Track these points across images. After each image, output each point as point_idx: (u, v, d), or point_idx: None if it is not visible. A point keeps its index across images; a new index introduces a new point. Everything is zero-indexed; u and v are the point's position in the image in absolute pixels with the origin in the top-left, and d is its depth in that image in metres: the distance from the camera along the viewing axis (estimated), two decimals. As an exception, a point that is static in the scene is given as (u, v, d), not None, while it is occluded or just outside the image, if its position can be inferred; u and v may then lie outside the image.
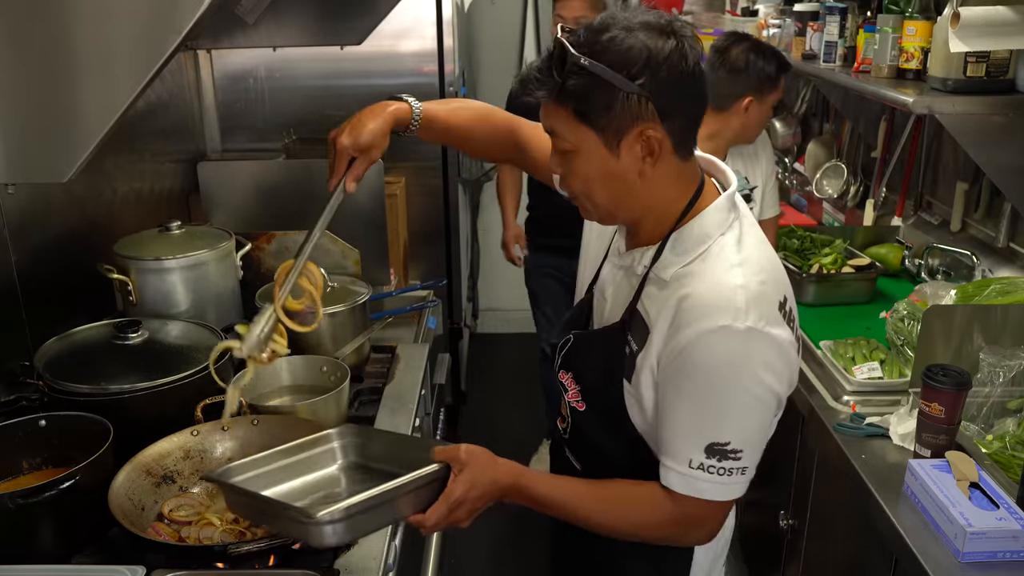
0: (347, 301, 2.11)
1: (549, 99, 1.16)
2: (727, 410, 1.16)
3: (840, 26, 2.64)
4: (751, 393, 1.15)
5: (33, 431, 1.52)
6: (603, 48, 1.11)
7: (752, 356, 1.13)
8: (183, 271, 1.99)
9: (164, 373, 1.64)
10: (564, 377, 1.36)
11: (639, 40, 1.11)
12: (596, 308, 1.37)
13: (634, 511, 1.26)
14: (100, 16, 1.11)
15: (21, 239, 1.86)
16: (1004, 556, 1.43)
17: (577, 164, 1.18)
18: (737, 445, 1.16)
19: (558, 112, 1.16)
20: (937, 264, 2.62)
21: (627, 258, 1.29)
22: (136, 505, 1.46)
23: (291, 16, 2.75)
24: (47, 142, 1.16)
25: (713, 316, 1.12)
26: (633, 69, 1.10)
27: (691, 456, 1.18)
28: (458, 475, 1.22)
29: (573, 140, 1.16)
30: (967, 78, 2.03)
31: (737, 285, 1.14)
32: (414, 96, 1.49)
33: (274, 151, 3.15)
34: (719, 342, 1.12)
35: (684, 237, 1.21)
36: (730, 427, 1.16)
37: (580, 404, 1.34)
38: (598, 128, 1.14)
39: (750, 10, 3.56)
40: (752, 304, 1.13)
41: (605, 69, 1.10)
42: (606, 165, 1.17)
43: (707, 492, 1.19)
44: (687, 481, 1.19)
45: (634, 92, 1.11)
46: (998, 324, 1.87)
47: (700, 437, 1.17)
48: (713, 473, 1.17)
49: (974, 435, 1.76)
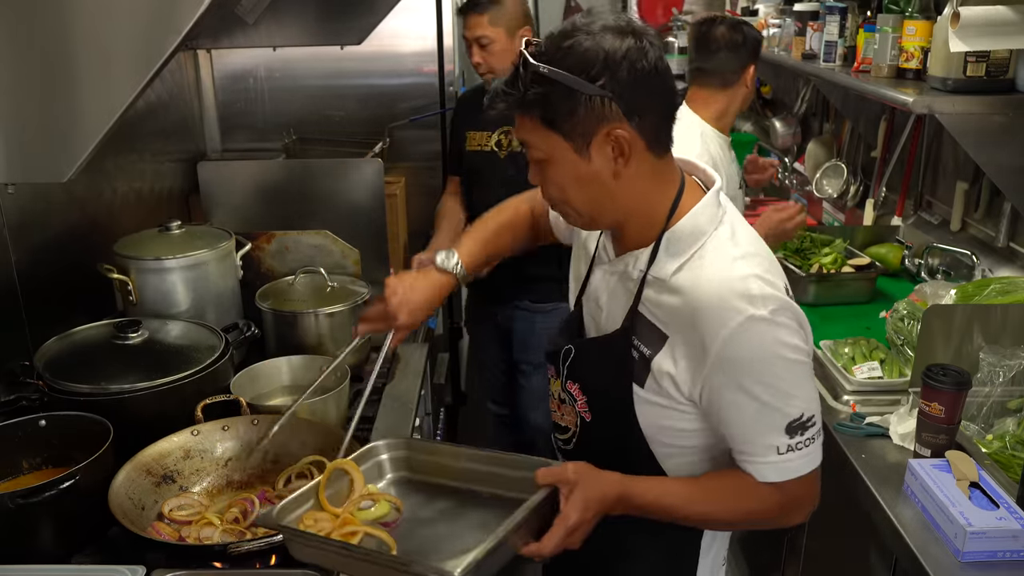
0: (347, 301, 2.11)
1: (516, 111, 1.17)
2: (786, 388, 1.18)
3: (840, 26, 2.64)
4: (796, 361, 1.18)
5: (33, 431, 1.52)
6: (563, 54, 1.12)
7: (781, 332, 1.16)
8: (183, 271, 1.99)
9: (164, 373, 1.64)
10: (572, 387, 1.34)
11: (596, 42, 1.12)
12: (589, 317, 1.37)
13: (741, 503, 1.25)
14: (100, 16, 1.11)
15: (21, 239, 1.86)
16: (1004, 556, 1.43)
17: (551, 172, 1.20)
18: (807, 413, 1.19)
19: (525, 122, 1.17)
20: (937, 264, 2.62)
21: (619, 264, 1.28)
22: (136, 505, 1.46)
23: (291, 16, 2.75)
24: (47, 142, 1.16)
25: (735, 312, 1.14)
26: (592, 71, 1.11)
27: (776, 444, 1.19)
28: (570, 497, 1.19)
29: (544, 148, 1.17)
30: (967, 78, 2.04)
31: (746, 275, 1.17)
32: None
33: (274, 151, 3.14)
34: (750, 333, 1.14)
35: (677, 236, 1.22)
36: (795, 401, 1.18)
37: (588, 414, 1.33)
38: (565, 133, 1.15)
39: (750, 10, 3.56)
40: (765, 288, 1.16)
41: (564, 74, 1.11)
42: (578, 169, 1.17)
43: (801, 469, 1.21)
44: (781, 469, 1.20)
45: (596, 94, 1.12)
46: (998, 324, 1.87)
47: (777, 423, 1.18)
48: (801, 449, 1.20)
49: (974, 435, 1.76)
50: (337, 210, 2.52)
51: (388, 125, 3.16)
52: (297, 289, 2.21)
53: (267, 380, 1.89)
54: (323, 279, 2.18)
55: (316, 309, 2.07)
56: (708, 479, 1.28)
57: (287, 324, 2.07)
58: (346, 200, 2.53)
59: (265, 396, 1.85)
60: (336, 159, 2.68)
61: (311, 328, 2.06)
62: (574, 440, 1.37)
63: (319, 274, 2.20)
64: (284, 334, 2.07)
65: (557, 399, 1.40)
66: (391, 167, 3.10)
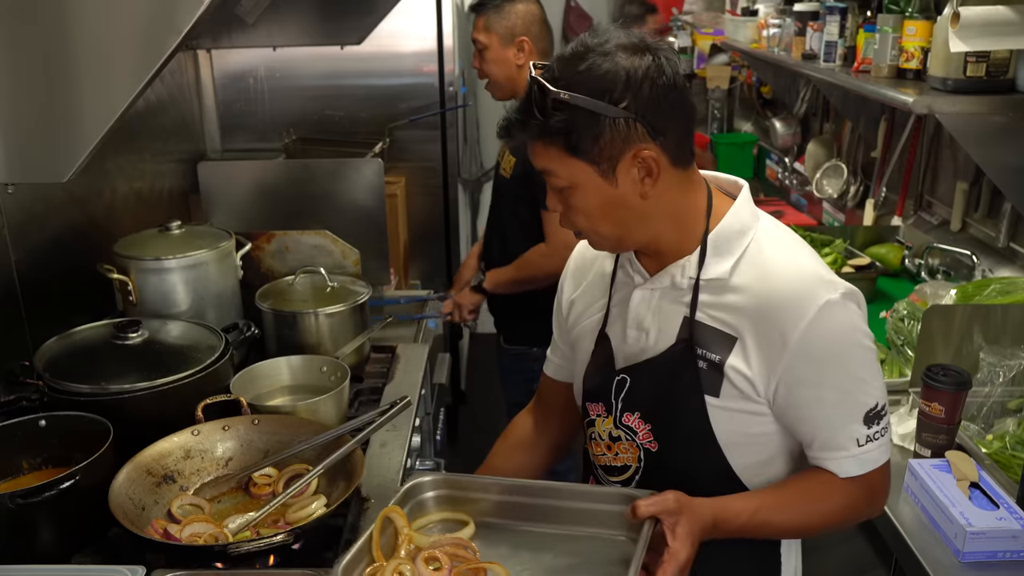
0: (347, 301, 2.11)
1: (536, 139, 1.14)
2: (864, 376, 1.18)
3: (840, 26, 2.64)
4: (869, 349, 1.18)
5: (33, 431, 1.52)
6: (582, 78, 1.10)
7: (855, 316, 1.16)
8: (183, 271, 1.98)
9: (164, 373, 1.64)
10: (630, 419, 1.27)
11: (615, 63, 1.10)
12: (626, 344, 1.28)
13: (830, 501, 1.23)
14: (100, 16, 1.11)
15: (21, 239, 1.86)
16: (1004, 556, 1.43)
17: (576, 199, 1.16)
18: (881, 402, 1.19)
19: (547, 151, 1.14)
20: (937, 264, 2.62)
21: (663, 278, 1.24)
22: (136, 505, 1.46)
23: (291, 16, 2.75)
24: (47, 142, 1.16)
25: (811, 299, 1.13)
26: (615, 93, 1.09)
27: (857, 436, 1.18)
28: (676, 530, 1.11)
29: (568, 176, 1.14)
30: (967, 78, 2.03)
31: (811, 260, 1.18)
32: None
33: (274, 151, 3.15)
34: (828, 320, 1.13)
35: (724, 236, 1.20)
36: (870, 390, 1.18)
37: (653, 444, 1.26)
38: (590, 159, 1.12)
39: (750, 10, 3.56)
40: (830, 272, 1.18)
41: (586, 99, 1.09)
42: (605, 194, 1.15)
43: (879, 459, 1.21)
44: (861, 461, 1.20)
45: (620, 116, 1.10)
46: (998, 324, 1.86)
47: (855, 415, 1.17)
48: (878, 439, 1.20)
49: (974, 435, 1.76)
50: (337, 210, 2.52)
51: (388, 125, 3.17)
52: (297, 289, 2.21)
53: (267, 380, 1.89)
54: (323, 279, 2.18)
55: (316, 309, 2.07)
56: (792, 484, 1.24)
57: (287, 324, 2.07)
58: (346, 200, 2.53)
59: (265, 396, 1.85)
60: (336, 159, 2.68)
61: (311, 328, 2.06)
62: (636, 477, 1.29)
63: (319, 274, 2.20)
64: (284, 334, 2.07)
65: (607, 439, 1.31)
66: (391, 167, 3.11)
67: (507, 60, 2.39)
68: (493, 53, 2.40)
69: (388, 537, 1.20)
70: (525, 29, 2.39)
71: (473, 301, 2.58)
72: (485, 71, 2.45)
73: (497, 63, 2.41)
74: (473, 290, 2.57)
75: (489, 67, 2.42)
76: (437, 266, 3.43)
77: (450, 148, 3.35)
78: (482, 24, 2.40)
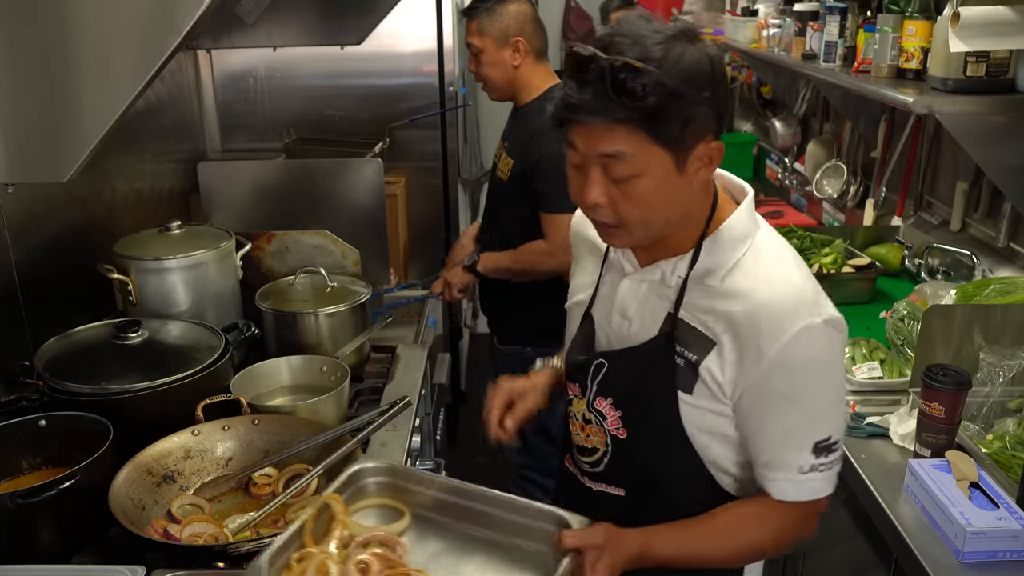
0: (347, 301, 2.11)
1: (615, 122, 1.06)
2: (824, 407, 1.18)
3: (840, 26, 2.64)
4: (838, 384, 1.19)
5: (33, 431, 1.52)
6: (673, 62, 1.05)
7: (833, 347, 1.16)
8: (183, 271, 1.99)
9: (164, 373, 1.64)
10: (601, 404, 1.28)
11: (699, 52, 1.08)
12: (611, 331, 1.30)
13: (756, 532, 1.24)
14: (100, 16, 1.11)
15: (21, 239, 1.86)
16: (1004, 556, 1.43)
17: (640, 188, 1.11)
18: (835, 436, 1.19)
19: (627, 136, 1.07)
20: (937, 264, 2.61)
21: (652, 272, 1.24)
22: (136, 505, 1.46)
23: (291, 16, 2.75)
24: (47, 142, 1.16)
25: (794, 318, 1.12)
26: (701, 82, 1.07)
27: (801, 462, 1.18)
28: (596, 564, 1.14)
29: (642, 162, 1.09)
30: (967, 78, 2.03)
31: (801, 279, 1.17)
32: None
33: (274, 151, 3.15)
34: (807, 343, 1.13)
35: (720, 241, 1.19)
36: (829, 422, 1.18)
37: (622, 431, 1.26)
38: (672, 147, 1.08)
39: (750, 10, 3.56)
40: (817, 294, 1.16)
41: (686, 85, 1.05)
42: (671, 185, 1.12)
43: (820, 491, 1.21)
44: (801, 487, 1.19)
45: (704, 105, 1.08)
46: (998, 324, 1.86)
47: (807, 441, 1.17)
48: (823, 471, 1.19)
49: (974, 435, 1.76)
50: (337, 210, 2.52)
51: (388, 125, 3.17)
52: (297, 289, 2.21)
53: (267, 380, 1.90)
54: (323, 279, 2.19)
55: (316, 309, 2.07)
56: (722, 515, 1.24)
57: (287, 324, 2.07)
58: (346, 200, 2.53)
59: (265, 396, 1.85)
60: (336, 159, 2.68)
61: (311, 328, 2.06)
62: (605, 460, 1.31)
63: (319, 274, 2.20)
64: (284, 334, 2.07)
65: (581, 420, 1.32)
66: (391, 167, 3.11)
67: (503, 61, 2.39)
68: (489, 56, 2.39)
69: (323, 522, 1.21)
70: (519, 29, 2.37)
71: (464, 280, 2.53)
72: (482, 74, 2.44)
73: (493, 65, 2.40)
74: (465, 269, 2.54)
75: (486, 70, 2.42)
76: (437, 266, 3.42)
77: (450, 148, 3.35)
78: (475, 28, 2.39)
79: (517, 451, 2.77)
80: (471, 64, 2.47)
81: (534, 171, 2.32)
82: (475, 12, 2.39)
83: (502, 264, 2.44)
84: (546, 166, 2.29)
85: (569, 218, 1.89)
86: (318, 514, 1.20)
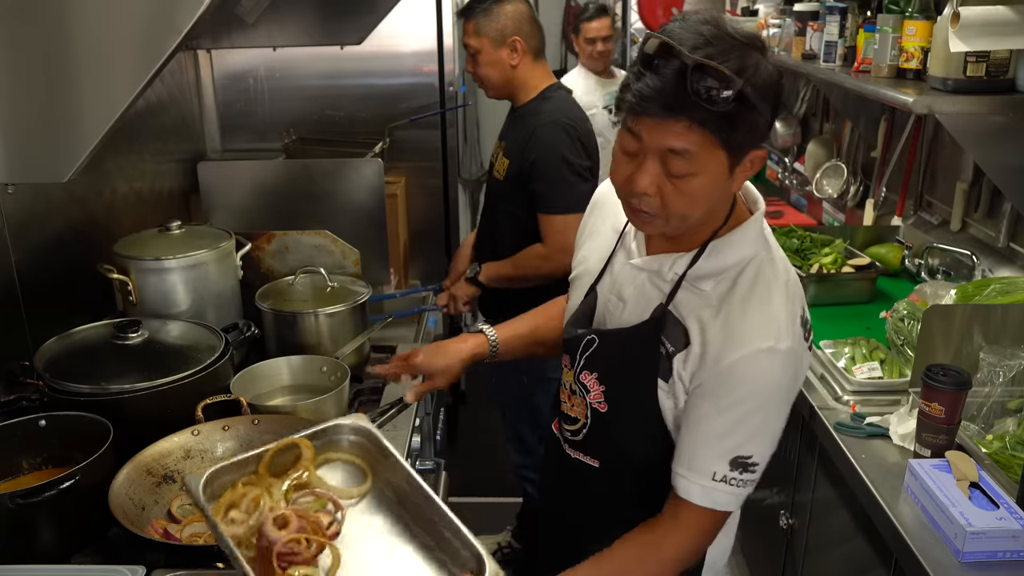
0: (347, 301, 2.11)
1: (687, 121, 1.07)
2: (759, 428, 1.21)
3: (840, 26, 2.64)
4: (781, 413, 1.23)
5: (33, 431, 1.52)
6: (752, 73, 1.07)
7: (787, 376, 1.20)
8: (183, 271, 1.99)
9: (164, 373, 1.64)
10: (586, 378, 1.33)
11: (771, 65, 1.10)
12: (607, 309, 1.34)
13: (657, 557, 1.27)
14: (100, 16, 1.11)
15: (21, 239, 1.86)
16: (1004, 556, 1.43)
17: (694, 185, 1.12)
18: (757, 459, 1.22)
19: (697, 136, 1.08)
20: (937, 264, 2.61)
21: (652, 263, 1.28)
22: (136, 505, 1.46)
23: (291, 16, 2.75)
24: (47, 142, 1.16)
25: (761, 337, 1.16)
26: (771, 95, 1.10)
27: (715, 469, 1.21)
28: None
29: (703, 163, 1.10)
30: (967, 78, 2.03)
31: (781, 304, 1.19)
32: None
33: (274, 151, 3.15)
34: (765, 363, 1.17)
35: (724, 248, 1.22)
36: (757, 443, 1.22)
37: (603, 405, 1.32)
38: (731, 151, 1.11)
39: (750, 10, 3.57)
40: (790, 324, 1.19)
41: (761, 99, 1.07)
42: (720, 186, 1.15)
43: (723, 503, 1.24)
44: (707, 493, 1.22)
45: (766, 116, 1.11)
46: (998, 324, 1.87)
47: (728, 451, 1.20)
48: (733, 485, 1.22)
49: (974, 435, 1.76)
50: (337, 210, 2.52)
51: (388, 125, 3.16)
52: (297, 289, 2.21)
53: (267, 380, 1.90)
54: (323, 279, 2.19)
55: (316, 309, 2.07)
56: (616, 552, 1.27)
57: (287, 324, 2.07)
58: (346, 200, 2.53)
59: (265, 396, 1.85)
60: (336, 159, 2.68)
61: (311, 328, 2.06)
62: (584, 431, 1.37)
63: (319, 274, 2.20)
64: (284, 334, 2.07)
65: (568, 390, 1.39)
66: (391, 167, 3.10)
67: (501, 61, 2.39)
68: (487, 56, 2.39)
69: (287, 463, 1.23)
70: (516, 29, 2.37)
71: (468, 292, 2.56)
72: (480, 75, 2.44)
73: (492, 65, 2.40)
74: (468, 281, 2.56)
75: (484, 70, 2.42)
76: (437, 266, 3.43)
77: (450, 148, 3.35)
78: (472, 29, 2.39)
79: (515, 450, 2.78)
80: (468, 64, 2.47)
81: (531, 171, 2.32)
82: (472, 13, 2.39)
83: (503, 273, 2.46)
84: (543, 167, 2.29)
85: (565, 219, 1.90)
86: (280, 448, 1.22)
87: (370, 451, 1.30)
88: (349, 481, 1.28)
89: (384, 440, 1.29)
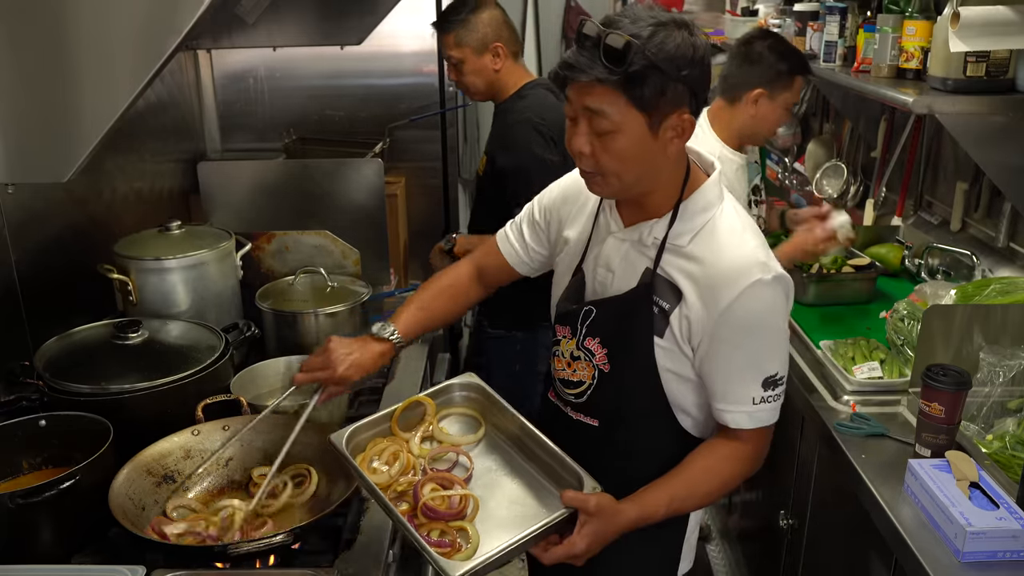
0: (347, 301, 2.11)
1: (601, 83, 1.26)
2: (772, 347, 1.39)
3: (840, 26, 2.64)
4: (781, 329, 1.40)
5: (33, 431, 1.53)
6: (660, 43, 1.25)
7: (779, 297, 1.37)
8: (183, 271, 1.99)
9: (164, 373, 1.64)
10: (590, 343, 1.48)
11: (684, 38, 1.27)
12: (596, 281, 1.49)
13: (726, 473, 1.43)
14: (100, 16, 1.11)
15: (21, 239, 1.86)
16: (1004, 556, 1.43)
17: (617, 143, 1.30)
18: (781, 372, 1.41)
19: (609, 95, 1.27)
20: (937, 264, 2.61)
21: (633, 232, 1.44)
22: (136, 505, 1.46)
23: (291, 16, 2.76)
24: (47, 142, 1.16)
25: (746, 275, 1.33)
26: (681, 62, 1.26)
27: (752, 394, 1.39)
28: (583, 527, 1.31)
29: (619, 121, 1.28)
30: (967, 78, 2.03)
31: (754, 244, 1.37)
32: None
33: (274, 151, 3.15)
34: (758, 294, 1.33)
35: (691, 208, 1.40)
36: (776, 359, 1.40)
37: (607, 366, 1.47)
38: (647, 111, 1.28)
39: (750, 10, 3.56)
40: (768, 255, 1.37)
41: (666, 62, 1.25)
42: (644, 144, 1.31)
43: (767, 420, 1.42)
44: (753, 417, 1.40)
45: (680, 82, 1.27)
46: (998, 324, 1.87)
47: (757, 375, 1.38)
48: (770, 401, 1.40)
49: (974, 435, 1.76)
50: (337, 210, 2.52)
51: (388, 125, 3.17)
52: (297, 289, 2.21)
53: (267, 380, 1.89)
54: (323, 279, 2.19)
55: (316, 309, 2.07)
56: (690, 467, 1.44)
57: (287, 324, 2.07)
58: (346, 200, 2.53)
59: (265, 396, 1.85)
60: (336, 159, 2.68)
61: (311, 328, 2.06)
62: (589, 392, 1.51)
63: (319, 274, 2.20)
64: (284, 334, 2.07)
65: (568, 358, 1.52)
66: (391, 167, 3.10)
67: (484, 68, 2.42)
68: (471, 65, 2.41)
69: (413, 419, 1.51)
70: (496, 35, 2.40)
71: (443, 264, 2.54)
72: (464, 83, 2.46)
73: (476, 73, 2.43)
74: (444, 253, 2.58)
75: (468, 79, 2.44)
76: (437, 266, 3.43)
77: (450, 148, 3.35)
78: (452, 41, 2.40)
79: None
80: (451, 73, 2.49)
81: (504, 167, 2.35)
82: (450, 26, 2.40)
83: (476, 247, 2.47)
84: (515, 162, 2.32)
85: None
86: (406, 407, 1.50)
87: (481, 402, 1.55)
88: (465, 430, 1.54)
89: (495, 393, 1.54)
